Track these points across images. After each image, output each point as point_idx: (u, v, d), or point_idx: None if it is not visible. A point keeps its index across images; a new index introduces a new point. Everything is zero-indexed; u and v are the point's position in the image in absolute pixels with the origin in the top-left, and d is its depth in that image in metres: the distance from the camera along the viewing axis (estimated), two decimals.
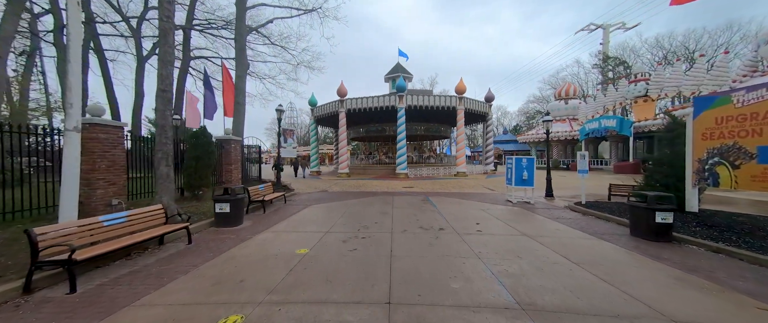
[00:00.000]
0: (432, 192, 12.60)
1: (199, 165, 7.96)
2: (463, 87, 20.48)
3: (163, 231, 4.61)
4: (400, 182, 17.04)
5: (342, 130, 21.69)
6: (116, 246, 3.85)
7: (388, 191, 12.96)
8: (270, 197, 8.56)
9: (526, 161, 9.61)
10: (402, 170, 19.92)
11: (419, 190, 13.38)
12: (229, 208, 6.13)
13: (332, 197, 11.14)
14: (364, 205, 9.32)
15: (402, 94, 19.97)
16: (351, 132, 28.18)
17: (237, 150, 10.52)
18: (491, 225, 6.54)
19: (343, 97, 21.31)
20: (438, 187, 14.47)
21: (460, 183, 16.05)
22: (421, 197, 10.96)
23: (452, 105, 20.56)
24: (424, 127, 24.75)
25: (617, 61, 45.09)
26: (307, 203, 9.75)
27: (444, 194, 11.84)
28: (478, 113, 22.56)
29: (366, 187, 14.59)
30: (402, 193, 12.34)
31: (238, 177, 10.67)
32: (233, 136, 10.26)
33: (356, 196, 11.49)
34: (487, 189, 13.59)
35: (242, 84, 12.00)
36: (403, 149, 20.13)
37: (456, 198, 10.83)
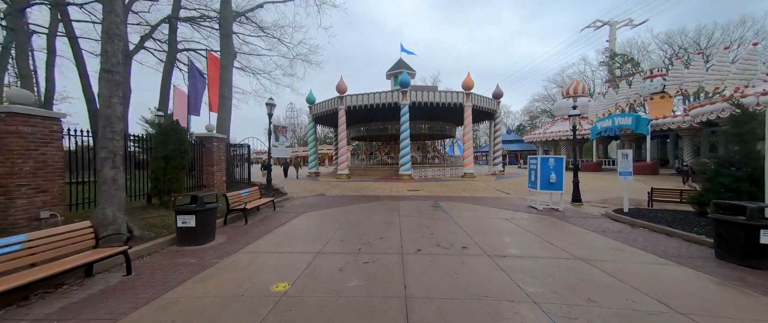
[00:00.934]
0: (441, 196, 11.28)
1: (169, 167, 6.65)
2: (470, 82, 19.16)
3: (85, 260, 3.29)
4: (404, 184, 15.73)
5: (341, 129, 20.39)
6: None
7: (392, 195, 11.65)
8: (254, 205, 7.24)
9: (553, 162, 8.28)
10: (405, 172, 18.60)
11: (426, 193, 12.06)
12: (196, 221, 4.82)
13: (329, 203, 9.83)
14: (365, 213, 8.01)
15: (406, 90, 18.66)
16: (351, 131, 26.87)
17: (221, 149, 9.24)
18: (526, 242, 5.21)
19: (343, 93, 20.01)
20: (446, 190, 13.14)
21: (470, 186, 14.72)
22: (430, 203, 9.64)
23: (459, 102, 19.23)
24: (428, 125, 23.43)
25: (625, 59, 43.76)
26: (300, 211, 8.43)
27: (455, 199, 10.51)
28: (486, 110, 21.23)
29: (367, 190, 13.28)
30: (408, 197, 11.02)
31: (222, 180, 9.38)
32: (216, 133, 8.99)
33: (356, 201, 10.18)
34: (502, 193, 12.25)
35: (228, 75, 10.71)
36: (407, 149, 18.82)
37: (470, 204, 9.50)
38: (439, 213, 7.88)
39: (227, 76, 10.53)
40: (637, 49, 46.13)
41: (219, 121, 10.72)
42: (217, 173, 9.14)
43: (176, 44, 15.94)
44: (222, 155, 9.39)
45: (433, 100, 18.98)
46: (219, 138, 9.09)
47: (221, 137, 9.22)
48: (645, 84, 24.81)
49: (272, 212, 8.16)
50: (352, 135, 26.69)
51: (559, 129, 32.46)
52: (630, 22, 48.44)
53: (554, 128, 33.18)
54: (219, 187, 9.22)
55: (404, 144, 18.80)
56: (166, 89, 15.42)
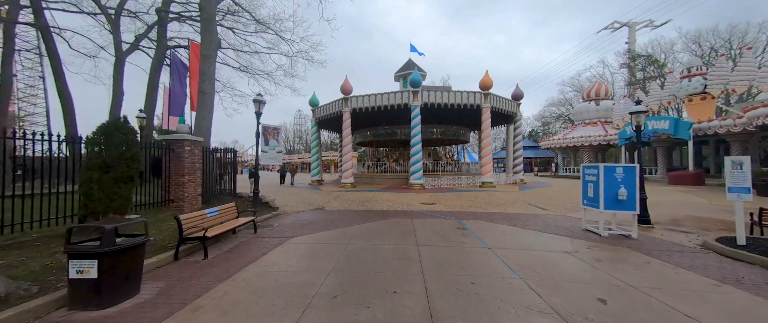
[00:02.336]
0: (463, 212, 9.28)
1: (107, 178, 4.91)
2: (489, 82, 17.25)
3: None
4: (415, 195, 13.76)
5: (346, 133, 18.65)
6: None
7: (404, 210, 9.70)
8: (220, 230, 5.39)
9: (622, 173, 6.22)
10: (417, 181, 16.64)
11: (444, 208, 10.07)
12: (99, 269, 2.99)
13: (327, 222, 7.95)
14: (371, 238, 6.09)
15: (417, 90, 16.85)
16: (357, 136, 25.14)
17: (195, 155, 7.53)
18: (631, 305, 3.19)
19: (348, 94, 18.35)
20: (467, 203, 11.11)
21: (493, 198, 12.64)
22: (454, 223, 7.66)
23: (476, 103, 17.30)
24: (440, 129, 21.51)
25: (649, 60, 41.22)
26: (288, 234, 6.57)
27: (483, 217, 8.49)
28: (506, 112, 19.21)
29: (374, 203, 11.36)
30: (423, 214, 9.05)
31: (196, 194, 7.63)
32: (189, 135, 7.26)
33: (361, 218, 8.27)
34: (536, 208, 10.15)
35: (209, 67, 9.10)
36: (419, 155, 16.89)
37: (503, 224, 7.48)
38: (469, 241, 5.89)
39: (208, 69, 8.92)
40: (660, 50, 43.54)
41: (197, 121, 9.05)
42: (189, 185, 7.40)
43: (166, 41, 14.59)
44: (196, 162, 7.66)
45: (448, 101, 17.10)
46: (192, 141, 7.40)
47: (196, 140, 7.53)
48: (682, 84, 22.41)
49: (251, 236, 6.32)
50: (358, 140, 24.94)
51: (580, 134, 30.07)
52: (650, 23, 46.03)
53: (576, 133, 30.79)
54: (191, 202, 7.46)
55: (415, 150, 16.89)
56: (153, 89, 14.00)
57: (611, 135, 27.43)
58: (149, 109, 14.36)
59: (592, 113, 31.39)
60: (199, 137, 7.88)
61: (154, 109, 14.04)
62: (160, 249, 4.89)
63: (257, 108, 8.54)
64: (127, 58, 18.26)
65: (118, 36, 17.47)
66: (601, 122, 30.59)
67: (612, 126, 29.08)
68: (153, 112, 14.69)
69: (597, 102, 31.49)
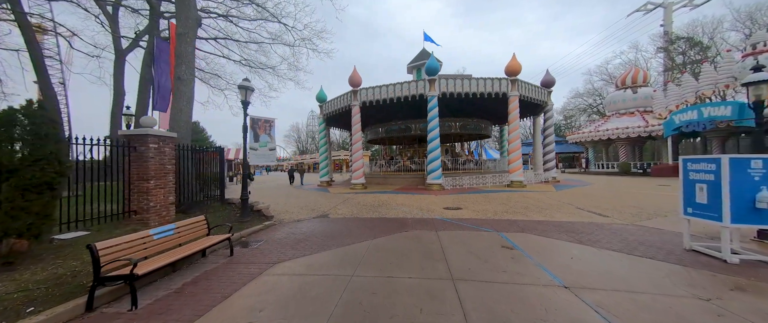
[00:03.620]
0: (500, 221, 7.35)
1: (5, 188, 3.43)
2: (516, 66, 15.07)
3: None
4: (435, 197, 11.89)
5: (356, 129, 16.99)
6: None
7: (424, 218, 7.89)
8: (174, 258, 3.79)
9: (761, 167, 4.13)
10: (435, 180, 14.75)
11: (473, 214, 8.17)
12: None
13: (328, 236, 6.27)
14: (385, 265, 4.34)
15: (434, 78, 14.93)
16: (368, 133, 23.48)
17: (166, 154, 6.04)
18: None
19: (357, 87, 16.69)
20: (500, 208, 9.15)
21: (531, 200, 10.57)
22: (492, 236, 5.78)
23: (502, 91, 15.16)
24: (460, 123, 19.45)
25: (691, 42, 37.09)
26: (272, 257, 4.93)
27: (529, 228, 6.54)
28: (535, 101, 16.93)
29: (387, 208, 9.61)
30: (449, 223, 7.21)
31: (167, 202, 6.13)
32: (155, 129, 5.78)
33: (371, 230, 6.54)
34: (592, 214, 8.05)
35: (187, 48, 7.61)
36: (437, 152, 14.98)
37: (562, 239, 5.53)
38: (528, 270, 4.02)
39: (186, 50, 7.44)
40: (702, 31, 39.14)
41: (173, 114, 7.60)
42: (157, 192, 5.91)
43: (159, 31, 13.43)
44: (167, 164, 6.17)
45: (469, 90, 15.06)
46: (160, 137, 5.90)
47: (165, 136, 6.05)
48: (746, 63, 19.22)
49: (223, 261, 4.72)
50: (370, 138, 23.27)
51: (615, 126, 27.02)
52: (690, 2, 41.68)
53: (610, 125, 27.75)
54: (159, 213, 5.98)
55: (433, 146, 14.99)
56: (146, 84, 12.85)
57: (653, 126, 24.34)
58: (142, 106, 13.25)
59: (628, 102, 28.22)
60: (170, 133, 6.38)
61: (146, 106, 12.94)
62: (74, 291, 3.35)
63: (244, 96, 6.98)
64: (127, 56, 17.41)
65: (117, 32, 16.57)
66: (639, 112, 27.41)
67: (653, 116, 25.89)
68: (146, 110, 13.59)
69: (634, 90, 28.29)
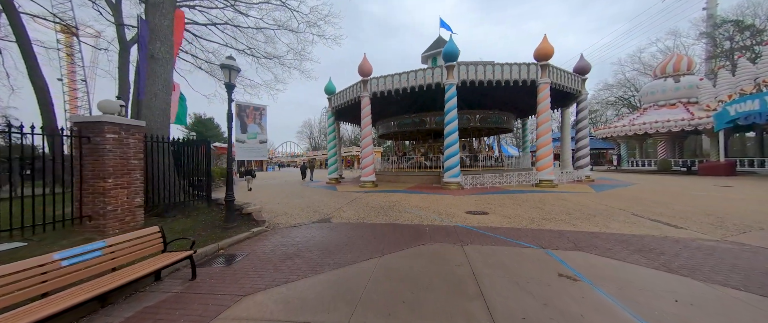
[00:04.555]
0: (540, 231, 5.84)
1: None
2: (548, 49, 13.22)
3: None
4: (453, 197, 10.43)
5: (366, 122, 15.68)
6: None
7: (445, 225, 6.49)
8: (93, 293, 2.60)
9: None
10: (453, 179, 13.24)
11: (504, 221, 6.68)
12: None
13: (326, 250, 5.01)
14: (396, 303, 3.01)
15: (453, 64, 13.35)
16: (379, 127, 22.17)
17: (130, 147, 4.94)
18: None
19: (367, 76, 15.35)
20: (536, 213, 7.59)
21: (570, 204, 8.92)
22: (538, 255, 4.33)
23: (531, 78, 13.38)
24: (480, 116, 17.75)
25: (739, 26, 33.17)
26: (245, 285, 3.71)
27: (584, 242, 5.01)
28: (567, 90, 15.00)
29: (400, 211, 8.26)
30: (477, 234, 5.77)
31: (132, 205, 5.02)
32: (113, 116, 4.78)
33: (380, 243, 5.23)
34: (659, 223, 6.37)
35: (161, 21, 6.42)
36: (455, 148, 13.45)
37: (637, 262, 4.01)
38: (611, 321, 2.57)
39: (160, 24, 6.28)
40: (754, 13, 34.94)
41: (146, 99, 6.50)
42: (117, 193, 4.82)
43: None
44: (132, 158, 5.07)
45: (492, 77, 13.36)
46: (122, 126, 4.79)
47: (130, 125, 4.94)
48: None
49: (180, 290, 3.53)
50: (381, 132, 21.95)
51: (654, 119, 24.32)
52: None
53: (647, 118, 25.05)
54: (121, 219, 4.90)
55: (450, 140, 13.46)
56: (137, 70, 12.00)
57: (700, 119, 21.59)
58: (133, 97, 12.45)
59: (669, 92, 25.36)
60: (136, 121, 5.27)
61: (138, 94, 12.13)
62: None
63: (227, 77, 5.79)
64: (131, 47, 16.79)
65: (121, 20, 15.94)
66: (682, 103, 24.56)
67: (699, 107, 23.07)
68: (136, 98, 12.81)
69: (676, 79, 25.37)
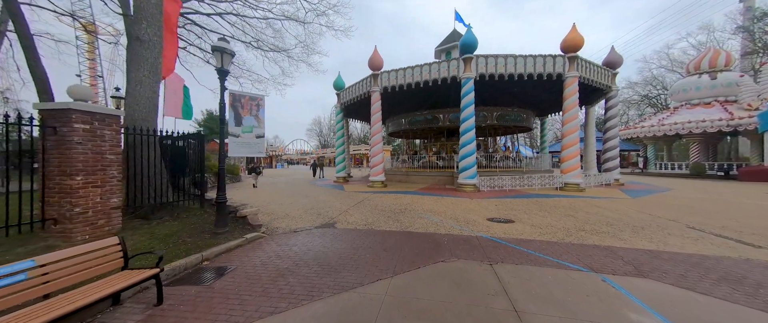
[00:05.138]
0: (582, 246, 4.85)
1: None
2: (577, 40, 12.03)
3: None
4: (470, 201, 9.47)
5: (375, 119, 14.84)
6: None
7: (466, 235, 5.58)
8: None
9: None
10: (468, 180, 12.25)
11: (535, 233, 5.70)
12: None
13: (325, 265, 4.21)
14: None
15: (470, 56, 12.33)
16: (390, 125, 21.31)
17: (104, 139, 4.27)
18: None
19: (377, 70, 14.50)
20: (569, 222, 6.57)
21: (606, 211, 7.82)
22: (593, 282, 3.37)
23: (557, 71, 12.21)
24: (497, 113, 16.64)
25: None
26: (221, 312, 2.93)
27: (641, 262, 4.02)
28: (597, 85, 13.72)
29: (412, 216, 7.39)
30: (505, 248, 4.83)
31: (107, 206, 4.32)
32: (82, 103, 4.11)
33: (391, 258, 4.39)
34: (722, 238, 5.25)
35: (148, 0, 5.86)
36: (471, 146, 12.45)
37: (736, 300, 3.00)
38: None
39: (145, 2, 5.59)
40: None
41: (129, 87, 5.81)
42: (88, 192, 4.15)
43: None
44: (107, 152, 4.40)
45: (514, 70, 12.26)
46: (94, 115, 4.11)
47: (104, 114, 4.27)
48: None
49: (139, 319, 2.78)
50: (391, 130, 21.08)
51: (687, 119, 22.49)
52: None
53: (679, 118, 23.23)
54: (93, 222, 4.23)
55: (467, 139, 12.47)
56: None
57: (742, 118, 19.72)
58: None
59: (704, 89, 23.42)
60: (113, 110, 4.58)
61: None
62: None
63: (219, 62, 5.05)
64: None
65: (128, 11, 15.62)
66: (719, 102, 22.61)
67: (738, 106, 21.15)
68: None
69: (712, 75, 23.40)
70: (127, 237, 4.59)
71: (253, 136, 5.62)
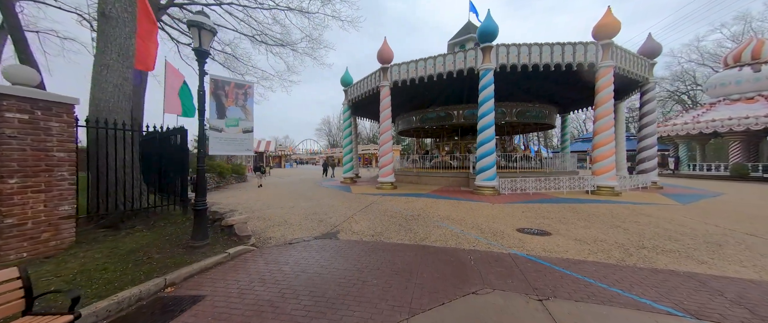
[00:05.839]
0: (653, 271, 3.69)
1: None
2: (613, 24, 10.68)
3: None
4: (491, 206, 8.33)
5: (385, 115, 13.83)
6: None
7: (495, 252, 4.49)
8: None
9: None
10: (487, 182, 11.07)
11: (583, 251, 4.56)
12: None
13: (321, 297, 3.22)
14: None
15: (490, 45, 11.16)
16: (399, 123, 20.24)
17: (51, 133, 3.47)
18: None
19: (387, 63, 13.49)
20: (617, 234, 5.38)
21: (661, 221, 6.55)
22: None
23: (589, 60, 10.87)
24: (517, 109, 15.32)
25: None
26: None
27: (759, 303, 2.85)
28: (633, 77, 12.28)
29: (427, 224, 6.34)
30: (551, 270, 3.73)
31: (58, 214, 3.46)
32: (26, 90, 3.02)
33: (405, 285, 3.37)
34: None
35: None
36: (491, 145, 11.27)
37: None
38: None
39: None
40: None
41: (94, 71, 4.90)
42: (24, 199, 3.28)
43: None
44: (52, 150, 3.55)
45: (539, 60, 11.00)
46: (35, 102, 3.28)
47: (52, 102, 3.45)
48: None
49: None
50: (401, 128, 20.02)
51: (726, 115, 20.47)
52: None
53: (716, 115, 21.22)
54: (34, 236, 3.39)
55: (485, 136, 11.30)
56: None
57: None
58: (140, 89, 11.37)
59: (746, 83, 21.32)
60: (59, 96, 3.71)
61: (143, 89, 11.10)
62: None
63: (197, 41, 4.17)
64: None
65: None
66: (764, 97, 20.49)
67: None
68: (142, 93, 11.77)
69: (755, 68, 21.26)
70: (79, 255, 3.75)
71: (240, 130, 4.71)
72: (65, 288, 2.90)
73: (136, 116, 11.82)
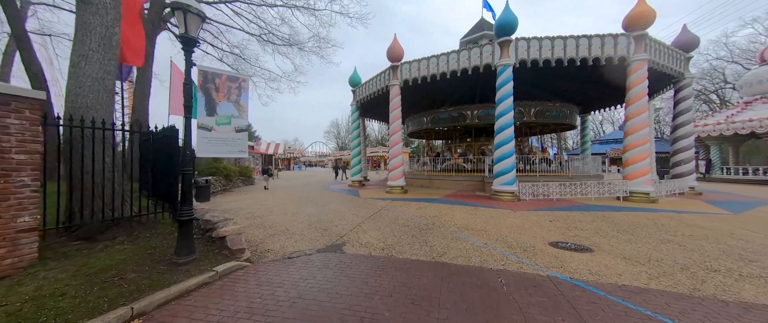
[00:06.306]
0: (746, 306, 2.83)
1: None
2: (647, 13, 9.70)
3: None
4: (513, 213, 7.49)
5: (395, 116, 13.15)
6: None
7: (528, 273, 3.70)
8: None
9: None
10: (505, 187, 10.21)
11: (636, 273, 3.71)
12: None
13: None
14: None
15: (509, 38, 10.35)
16: (409, 124, 19.53)
17: (10, 132, 3.00)
18: None
19: (397, 61, 12.84)
20: (674, 250, 4.49)
21: (717, 233, 5.59)
22: None
23: (619, 54, 9.91)
24: (535, 109, 14.38)
25: None
26: None
27: None
28: (668, 71, 11.22)
29: (444, 236, 5.59)
30: (610, 303, 2.92)
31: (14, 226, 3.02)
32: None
33: (422, 321, 2.65)
34: None
35: None
36: (510, 146, 10.42)
37: None
38: None
39: None
40: None
41: (72, 63, 4.39)
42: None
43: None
44: (11, 151, 3.05)
45: (564, 54, 10.12)
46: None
47: (10, 96, 2.96)
48: None
49: None
50: (412, 129, 19.29)
51: (765, 114, 18.85)
52: None
53: (753, 114, 19.61)
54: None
55: (503, 138, 10.45)
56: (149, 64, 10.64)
57: None
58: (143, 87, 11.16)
59: None
60: (21, 90, 3.16)
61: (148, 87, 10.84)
62: None
63: (183, 26, 3.61)
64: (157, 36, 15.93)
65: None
66: None
67: None
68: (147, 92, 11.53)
69: None
70: (39, 275, 3.19)
71: (232, 129, 4.14)
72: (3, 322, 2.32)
73: (141, 117, 11.57)
